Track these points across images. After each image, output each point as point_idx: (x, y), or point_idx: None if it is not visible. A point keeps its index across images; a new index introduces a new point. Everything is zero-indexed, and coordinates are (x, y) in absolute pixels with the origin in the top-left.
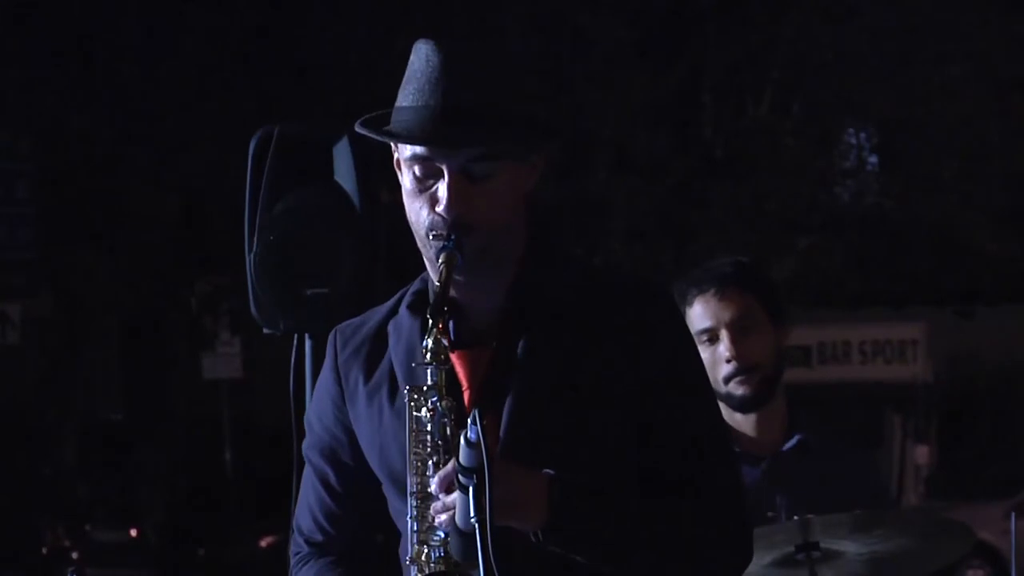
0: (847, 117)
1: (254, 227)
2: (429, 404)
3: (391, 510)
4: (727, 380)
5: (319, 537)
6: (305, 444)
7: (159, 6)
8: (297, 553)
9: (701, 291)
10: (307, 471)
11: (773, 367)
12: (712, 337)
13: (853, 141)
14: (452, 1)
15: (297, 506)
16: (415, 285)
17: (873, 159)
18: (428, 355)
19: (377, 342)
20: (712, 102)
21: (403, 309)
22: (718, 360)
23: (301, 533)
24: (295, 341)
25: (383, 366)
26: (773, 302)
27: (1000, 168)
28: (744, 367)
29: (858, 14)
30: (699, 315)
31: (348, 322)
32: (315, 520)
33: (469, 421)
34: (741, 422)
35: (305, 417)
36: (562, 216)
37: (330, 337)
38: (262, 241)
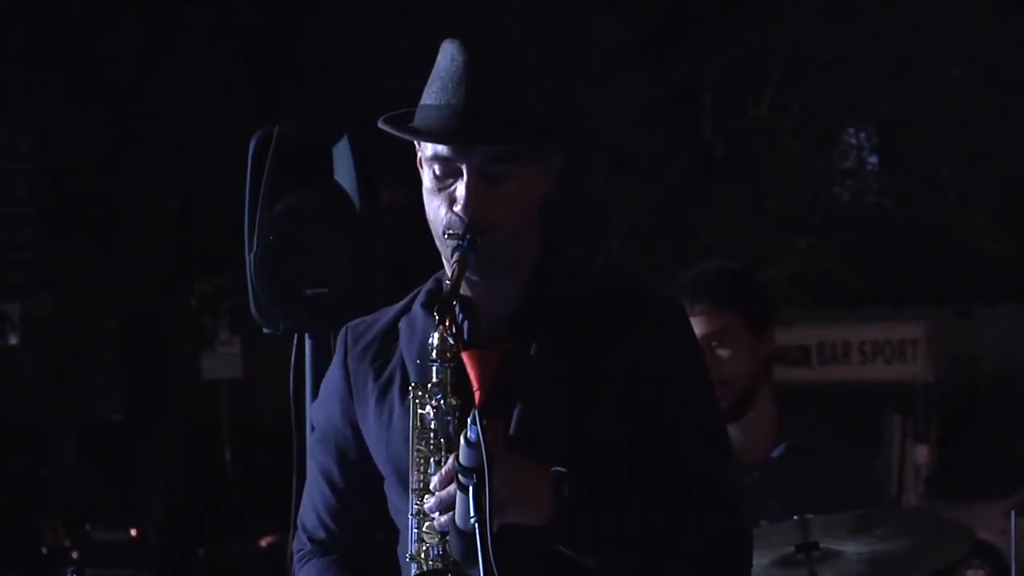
0: (847, 117)
1: (254, 227)
2: (433, 402)
3: (391, 508)
4: None
5: (322, 534)
6: (310, 442)
7: (159, 6)
8: (300, 550)
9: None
10: (312, 469)
11: (749, 381)
12: None
13: (853, 141)
14: (452, 1)
15: (301, 504)
16: (429, 284)
17: (873, 159)
18: (434, 352)
19: (388, 339)
20: (712, 102)
21: (416, 307)
22: None
23: (304, 530)
24: (295, 341)
25: (394, 363)
26: (755, 313)
27: (1000, 168)
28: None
29: (858, 14)
30: None
31: (360, 320)
32: (319, 517)
33: (469, 421)
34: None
35: (309, 415)
36: (562, 216)
37: (340, 334)
38: (262, 241)
